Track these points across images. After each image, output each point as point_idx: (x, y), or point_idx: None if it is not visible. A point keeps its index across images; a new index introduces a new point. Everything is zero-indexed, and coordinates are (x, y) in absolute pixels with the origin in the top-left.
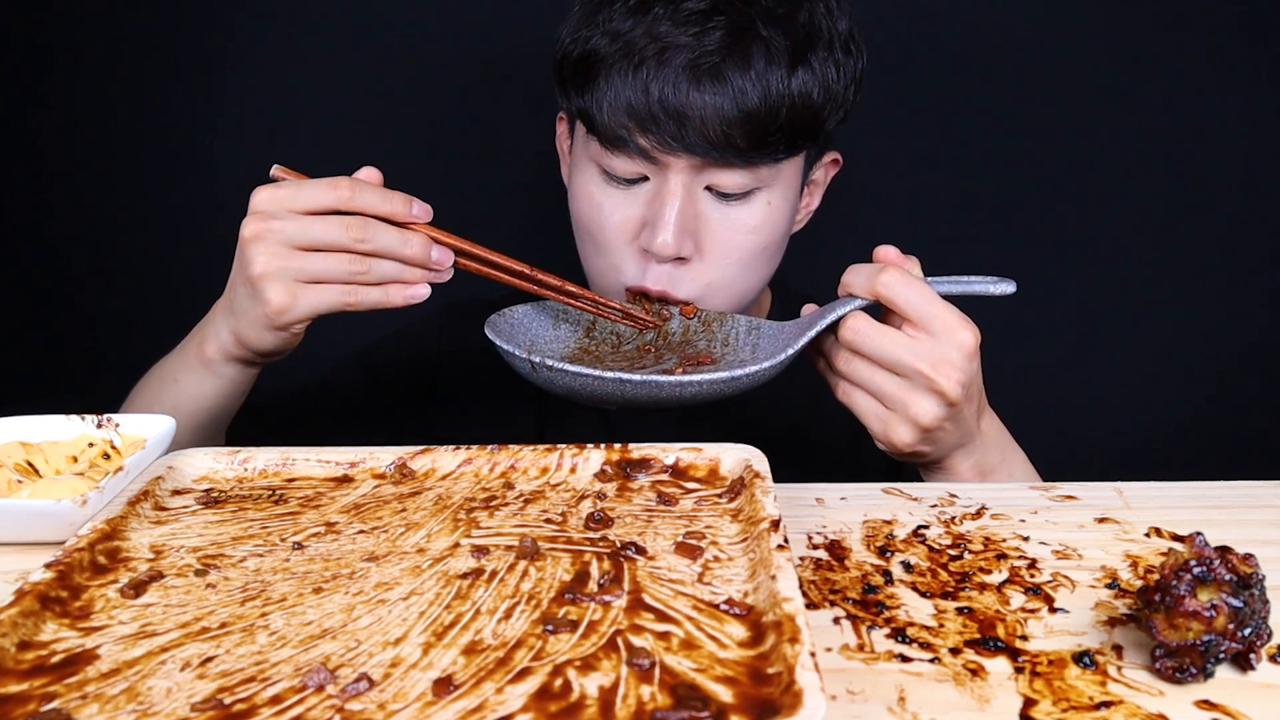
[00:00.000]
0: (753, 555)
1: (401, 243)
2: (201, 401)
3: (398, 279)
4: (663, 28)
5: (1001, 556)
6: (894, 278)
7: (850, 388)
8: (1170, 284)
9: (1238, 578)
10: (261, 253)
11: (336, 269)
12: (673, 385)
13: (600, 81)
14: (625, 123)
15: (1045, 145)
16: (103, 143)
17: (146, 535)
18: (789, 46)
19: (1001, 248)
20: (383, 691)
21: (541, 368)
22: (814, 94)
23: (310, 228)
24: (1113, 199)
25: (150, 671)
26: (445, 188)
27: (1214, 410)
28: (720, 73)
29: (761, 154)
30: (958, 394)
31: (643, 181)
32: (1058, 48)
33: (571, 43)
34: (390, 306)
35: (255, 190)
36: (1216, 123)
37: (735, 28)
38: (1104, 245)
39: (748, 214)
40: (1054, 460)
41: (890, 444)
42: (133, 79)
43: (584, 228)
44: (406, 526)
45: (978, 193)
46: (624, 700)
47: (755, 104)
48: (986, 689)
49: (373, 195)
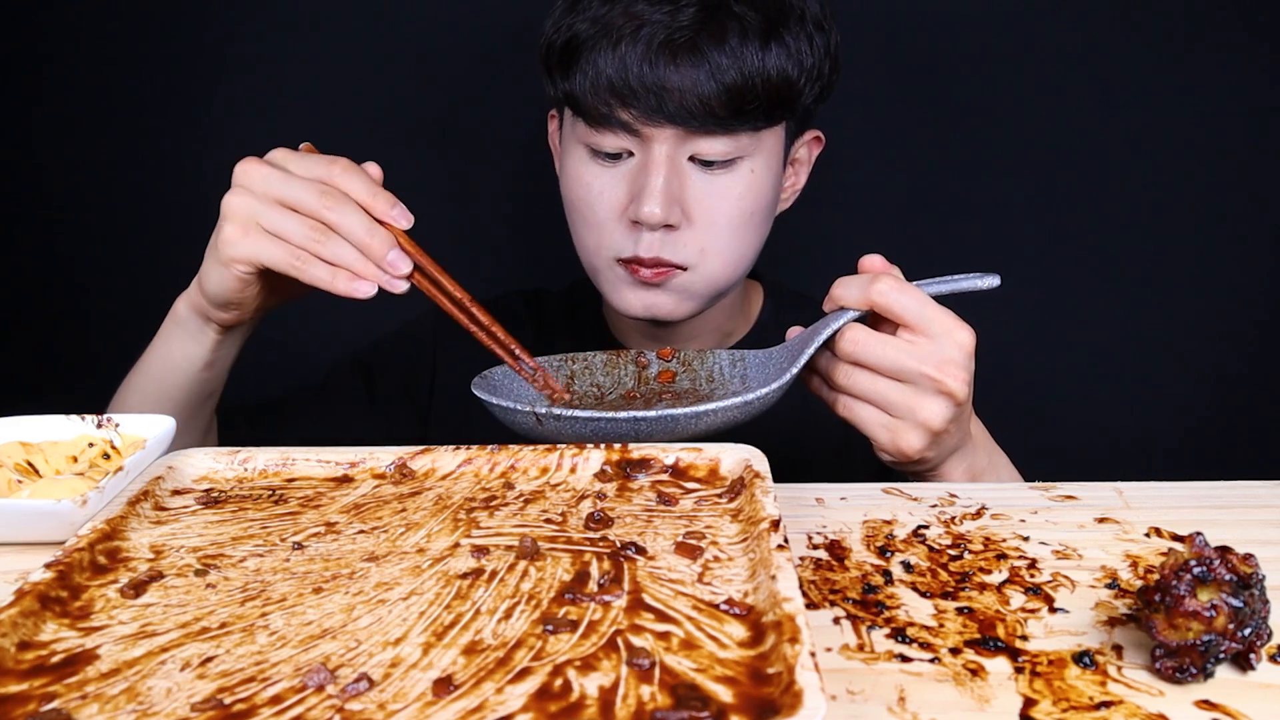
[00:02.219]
0: (753, 555)
1: (365, 231)
2: (170, 362)
3: (349, 267)
4: (638, 7)
5: (1001, 556)
6: (889, 285)
7: (852, 402)
8: (1171, 284)
9: (1238, 578)
10: (238, 190)
11: (295, 231)
12: (689, 418)
13: (582, 63)
14: (607, 99)
15: (1041, 143)
16: (103, 142)
17: (146, 535)
18: (761, 22)
19: (997, 247)
20: (383, 691)
21: (549, 419)
22: (789, 67)
23: (289, 183)
24: (1113, 196)
25: (150, 671)
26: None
27: (1214, 410)
28: (696, 46)
29: (741, 121)
30: (965, 393)
31: (628, 157)
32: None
33: (555, 31)
34: (333, 291)
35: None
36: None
37: (707, 4)
38: (1105, 244)
39: (732, 180)
40: (1054, 460)
41: (899, 452)
42: (130, 79)
43: (575, 207)
44: (406, 526)
45: (971, 191)
46: (624, 700)
47: (732, 77)
48: (986, 689)
49: (360, 182)
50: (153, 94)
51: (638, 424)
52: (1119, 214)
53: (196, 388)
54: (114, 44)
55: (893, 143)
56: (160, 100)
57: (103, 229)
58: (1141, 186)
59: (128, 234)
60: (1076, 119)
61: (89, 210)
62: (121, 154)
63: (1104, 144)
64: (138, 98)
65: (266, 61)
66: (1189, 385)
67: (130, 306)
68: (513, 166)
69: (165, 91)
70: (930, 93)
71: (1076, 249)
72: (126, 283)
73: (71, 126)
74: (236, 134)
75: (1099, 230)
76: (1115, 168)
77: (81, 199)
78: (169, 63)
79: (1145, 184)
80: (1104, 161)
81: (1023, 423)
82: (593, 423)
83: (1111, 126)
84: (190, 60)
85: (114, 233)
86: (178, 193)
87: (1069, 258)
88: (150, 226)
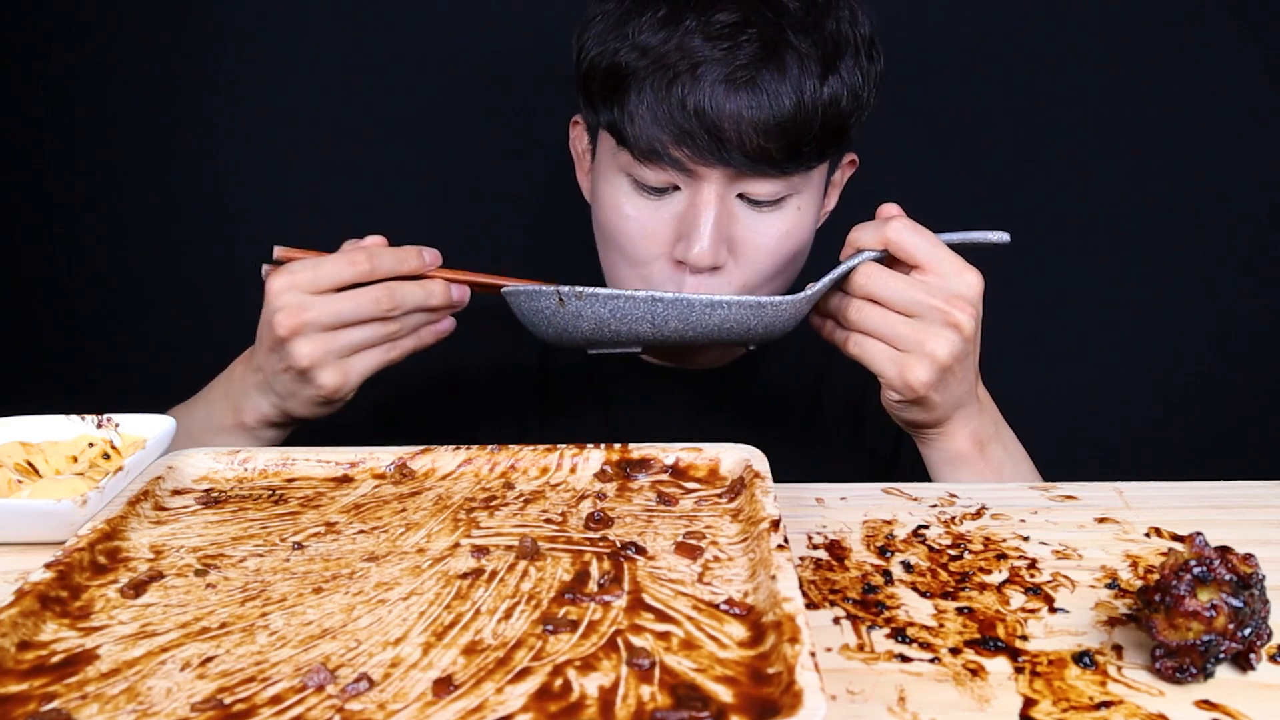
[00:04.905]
0: (753, 555)
1: (425, 296)
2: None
3: (426, 324)
4: (694, 42)
5: (1001, 556)
6: (902, 224)
7: (862, 338)
8: (1171, 284)
9: (1238, 578)
10: (304, 344)
11: (374, 335)
12: (704, 305)
13: (632, 95)
14: (659, 136)
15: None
16: (103, 142)
17: (146, 535)
18: (820, 55)
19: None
20: (383, 691)
21: (570, 298)
22: (843, 100)
23: (342, 307)
24: (1113, 196)
25: (150, 671)
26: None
27: (1214, 410)
28: (755, 84)
29: (796, 164)
30: (972, 327)
31: (674, 191)
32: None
33: (599, 54)
34: (424, 348)
35: (269, 278)
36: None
37: (767, 39)
38: (1105, 244)
39: (779, 220)
40: (1054, 460)
41: (907, 385)
42: (133, 80)
43: (612, 239)
44: (406, 526)
45: (983, 192)
46: (624, 700)
47: (790, 113)
48: (986, 689)
49: (388, 259)
50: (156, 95)
51: (654, 304)
52: (1119, 214)
53: None
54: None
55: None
56: (163, 103)
57: (103, 229)
58: (1141, 186)
59: (128, 235)
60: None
61: (90, 210)
62: (122, 154)
63: (1104, 144)
64: (140, 101)
65: (270, 62)
66: (1189, 385)
67: (131, 307)
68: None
69: (169, 92)
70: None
71: (1076, 249)
72: (128, 283)
73: (73, 127)
74: (243, 135)
75: (1099, 230)
76: (1115, 167)
77: (82, 199)
78: (172, 65)
79: (1145, 184)
80: (1103, 161)
81: (1023, 423)
82: (612, 300)
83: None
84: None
85: (114, 233)
86: (179, 194)
87: (1069, 257)
88: (151, 227)
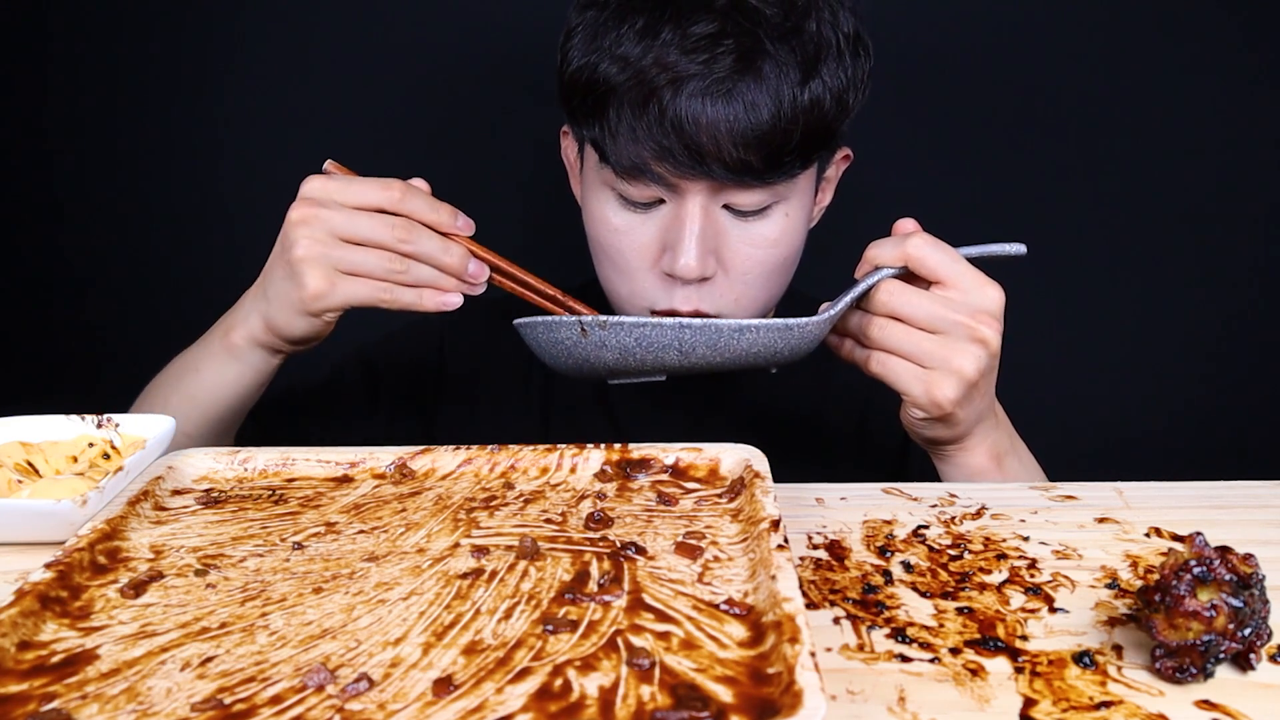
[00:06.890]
0: (753, 555)
1: (442, 250)
2: (222, 389)
3: (433, 284)
4: (672, 56)
5: (1001, 556)
6: (922, 240)
7: (885, 357)
8: (1172, 283)
9: (1238, 578)
10: (305, 237)
11: (376, 264)
12: (732, 330)
13: (611, 113)
14: (640, 153)
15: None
16: (105, 141)
17: (146, 535)
18: (799, 61)
19: None
20: (383, 691)
21: (594, 328)
22: (826, 104)
23: (356, 221)
24: (1113, 196)
25: (150, 671)
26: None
27: (1214, 410)
28: (733, 95)
29: (778, 173)
30: (997, 342)
31: (659, 205)
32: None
33: (578, 69)
34: (421, 310)
35: (307, 179)
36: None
37: (744, 50)
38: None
39: (767, 228)
40: (1054, 460)
41: (934, 403)
42: (136, 81)
43: (604, 250)
44: (406, 526)
45: (982, 191)
46: (624, 700)
47: (769, 123)
48: (986, 689)
49: (421, 201)
50: (159, 96)
51: (682, 331)
52: (1119, 213)
53: (241, 407)
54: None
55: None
56: (167, 103)
57: (105, 229)
58: (1141, 186)
59: (129, 235)
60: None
61: (91, 210)
62: (124, 154)
63: (1103, 144)
64: (144, 101)
65: (274, 62)
66: (1189, 385)
67: (133, 307)
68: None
69: (172, 93)
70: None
71: (1076, 248)
72: (129, 283)
73: (75, 126)
74: (244, 135)
75: (1099, 230)
76: (1115, 167)
77: (83, 199)
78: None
79: (1145, 183)
80: (1103, 161)
81: (1023, 423)
82: (638, 329)
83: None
84: (198, 62)
85: (115, 233)
86: (180, 194)
87: (1068, 257)
88: (153, 227)
